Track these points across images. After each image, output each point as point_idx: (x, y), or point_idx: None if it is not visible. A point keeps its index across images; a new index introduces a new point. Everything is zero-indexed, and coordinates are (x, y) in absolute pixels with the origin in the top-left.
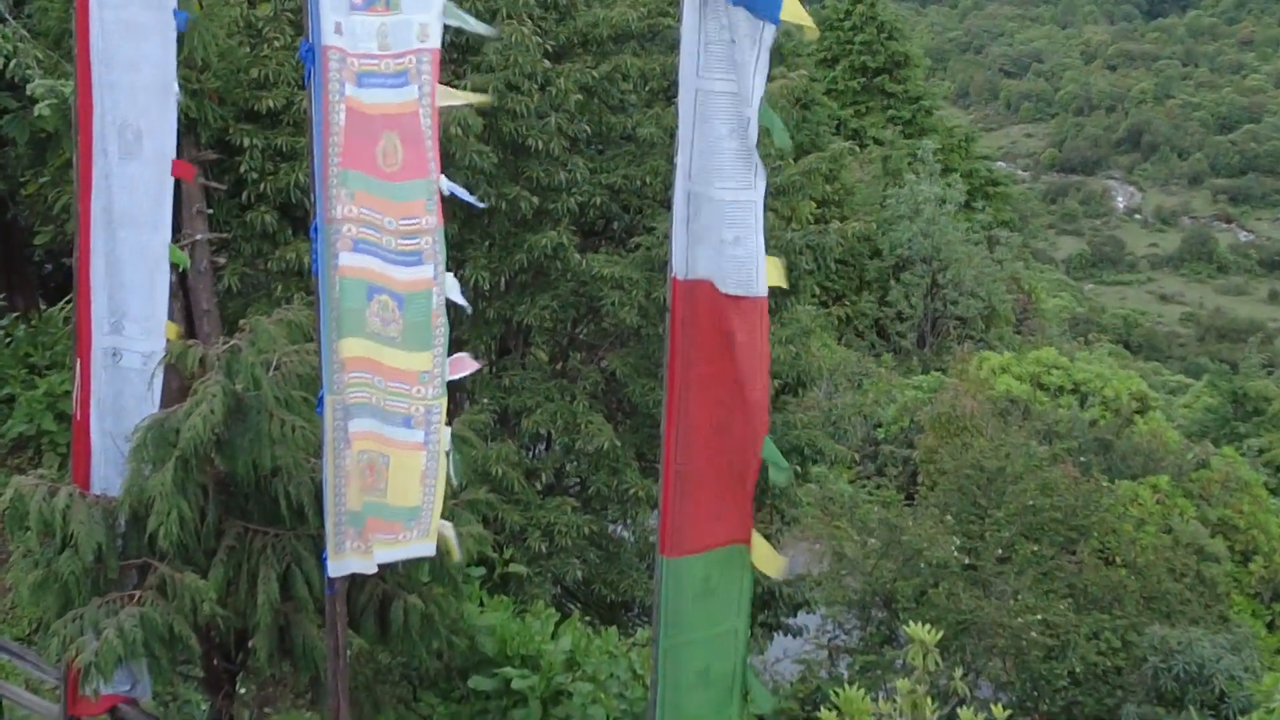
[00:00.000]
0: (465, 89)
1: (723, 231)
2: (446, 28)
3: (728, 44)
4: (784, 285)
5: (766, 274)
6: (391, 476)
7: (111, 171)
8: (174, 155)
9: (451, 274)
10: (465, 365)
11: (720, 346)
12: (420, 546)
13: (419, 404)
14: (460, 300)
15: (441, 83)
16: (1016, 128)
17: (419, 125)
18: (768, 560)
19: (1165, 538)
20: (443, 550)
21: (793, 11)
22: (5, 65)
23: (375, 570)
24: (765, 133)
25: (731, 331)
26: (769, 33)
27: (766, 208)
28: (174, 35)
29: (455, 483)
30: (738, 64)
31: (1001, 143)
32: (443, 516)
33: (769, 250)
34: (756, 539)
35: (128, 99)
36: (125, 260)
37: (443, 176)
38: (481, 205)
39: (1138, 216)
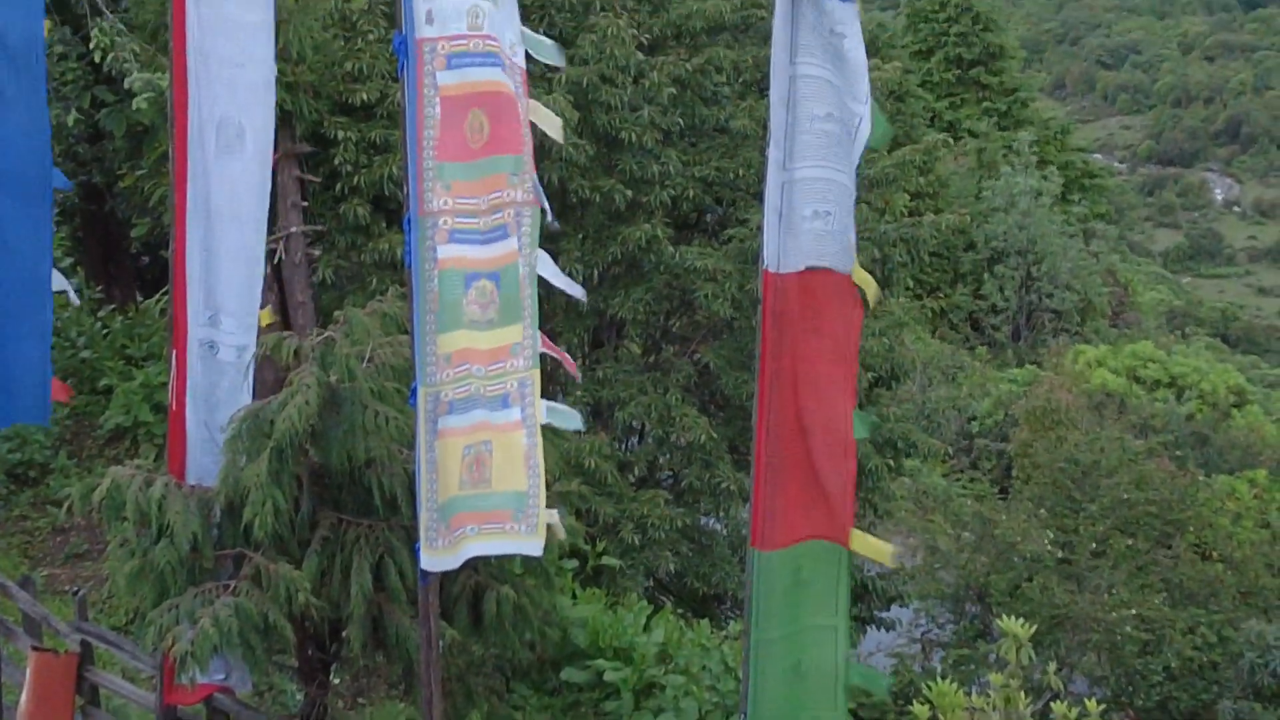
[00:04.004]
0: (560, 81)
1: (804, 209)
2: (532, 20)
3: (827, 34)
4: (866, 286)
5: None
6: (495, 463)
7: (209, 166)
8: (271, 153)
9: (544, 252)
10: (552, 349)
11: (811, 341)
12: (528, 544)
13: (512, 378)
14: (559, 281)
15: (532, 76)
16: (1113, 119)
17: (512, 104)
18: (876, 549)
19: (1263, 532)
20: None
21: None
22: (103, 59)
23: (463, 562)
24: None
25: (825, 321)
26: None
27: (860, 200)
28: (272, 32)
29: (576, 429)
30: (844, 53)
31: (1098, 135)
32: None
33: (862, 241)
34: (857, 533)
35: (227, 94)
36: (223, 255)
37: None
38: (551, 220)
39: (1236, 209)
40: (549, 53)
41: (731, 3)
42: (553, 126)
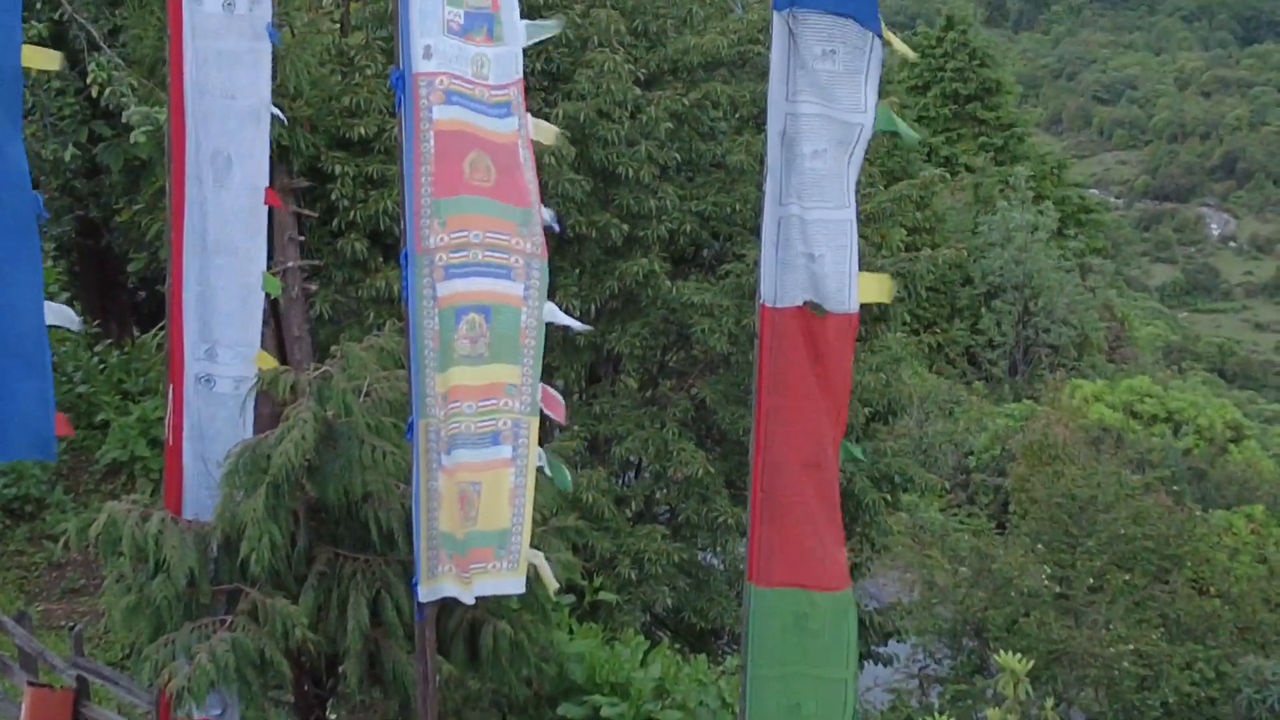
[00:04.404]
0: (557, 117)
1: (799, 247)
2: (528, 55)
3: (829, 58)
4: (886, 300)
5: (860, 291)
6: (483, 502)
7: (206, 199)
8: (265, 183)
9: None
10: (552, 403)
11: (809, 377)
12: (510, 581)
13: (506, 417)
14: (565, 320)
15: (531, 111)
16: (1109, 154)
17: (518, 155)
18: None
19: (1260, 567)
20: (532, 578)
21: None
22: (101, 93)
23: (470, 598)
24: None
25: (820, 357)
26: (876, 45)
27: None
28: (267, 61)
29: (564, 489)
30: (848, 73)
31: (1094, 170)
32: (532, 544)
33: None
34: None
35: (220, 126)
36: (219, 287)
37: (543, 207)
38: (558, 228)
39: (1232, 244)
40: (548, 28)
41: (729, 39)
42: (544, 133)
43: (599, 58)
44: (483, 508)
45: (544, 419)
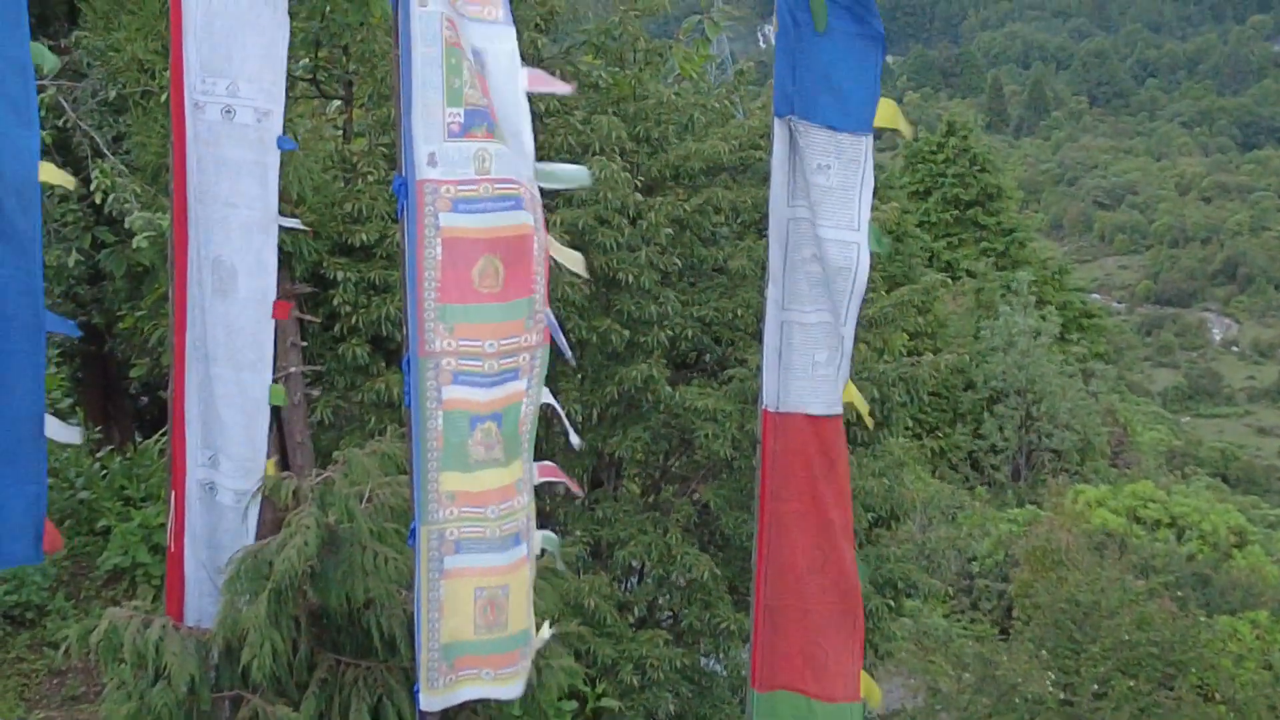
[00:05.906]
0: (557, 224)
1: (802, 353)
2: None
3: (823, 172)
4: (861, 406)
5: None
6: (511, 605)
7: (206, 306)
8: (274, 296)
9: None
10: (549, 471)
11: (812, 481)
12: (525, 678)
13: (521, 515)
14: (551, 401)
15: None
16: (1111, 259)
17: (528, 247)
18: (869, 689)
19: (1265, 674)
20: (534, 684)
21: (886, 116)
22: (104, 200)
23: (462, 703)
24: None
25: (830, 462)
26: (870, 161)
27: (859, 340)
28: (274, 174)
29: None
30: (842, 189)
31: (1096, 275)
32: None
33: (861, 381)
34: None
35: (222, 235)
36: (219, 396)
37: (548, 309)
38: (568, 355)
39: (1235, 349)
40: (571, 176)
41: (730, 144)
42: (573, 262)
43: (598, 165)
44: (511, 612)
45: (545, 516)
